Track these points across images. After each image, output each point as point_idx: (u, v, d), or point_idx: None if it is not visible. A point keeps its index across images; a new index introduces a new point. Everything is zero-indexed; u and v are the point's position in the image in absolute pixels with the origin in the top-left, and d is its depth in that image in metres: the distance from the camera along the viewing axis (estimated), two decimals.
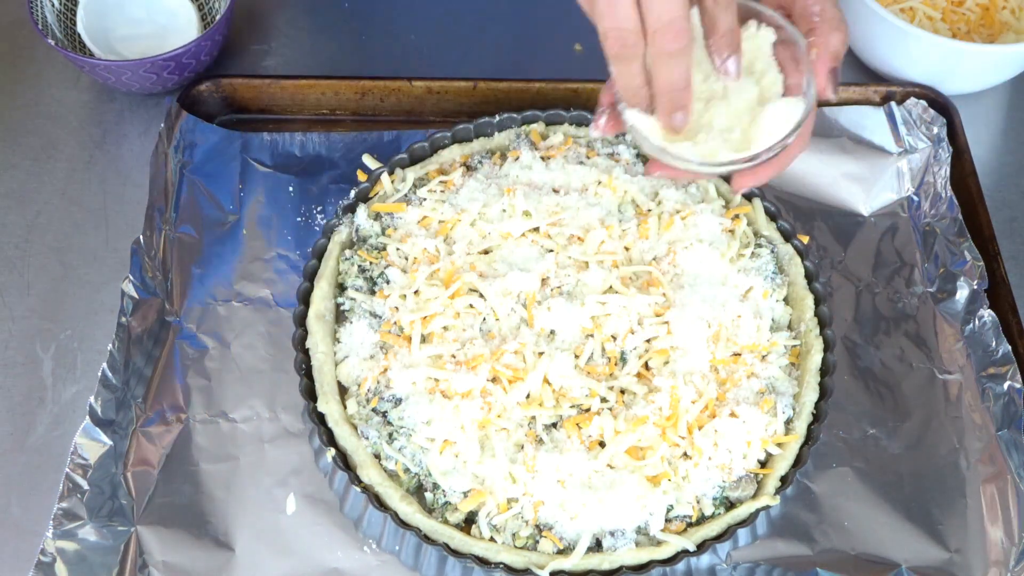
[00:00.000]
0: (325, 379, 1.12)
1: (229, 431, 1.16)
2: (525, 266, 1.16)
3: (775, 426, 1.10)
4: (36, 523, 1.09)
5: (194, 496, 1.12)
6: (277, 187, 1.34)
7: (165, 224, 1.28)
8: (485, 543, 1.04)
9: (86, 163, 1.38)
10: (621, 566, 1.03)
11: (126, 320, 1.18)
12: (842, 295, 1.28)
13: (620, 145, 1.29)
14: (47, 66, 1.47)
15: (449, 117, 1.42)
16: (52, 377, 1.21)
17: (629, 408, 1.08)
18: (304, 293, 1.18)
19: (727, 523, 1.06)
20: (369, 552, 1.09)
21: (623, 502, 1.03)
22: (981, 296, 1.24)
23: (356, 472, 1.07)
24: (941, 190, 1.33)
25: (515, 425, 1.08)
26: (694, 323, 1.12)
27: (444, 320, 1.12)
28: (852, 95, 1.41)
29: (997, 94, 1.49)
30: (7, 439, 1.17)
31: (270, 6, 1.55)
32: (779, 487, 1.08)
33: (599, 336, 1.13)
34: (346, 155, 1.36)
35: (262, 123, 1.42)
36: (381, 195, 1.26)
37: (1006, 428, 1.16)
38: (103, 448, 1.11)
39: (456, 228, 1.21)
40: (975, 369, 1.21)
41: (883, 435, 1.18)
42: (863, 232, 1.33)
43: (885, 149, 1.38)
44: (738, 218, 1.23)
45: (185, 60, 1.35)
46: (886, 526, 1.12)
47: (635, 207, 1.24)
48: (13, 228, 1.32)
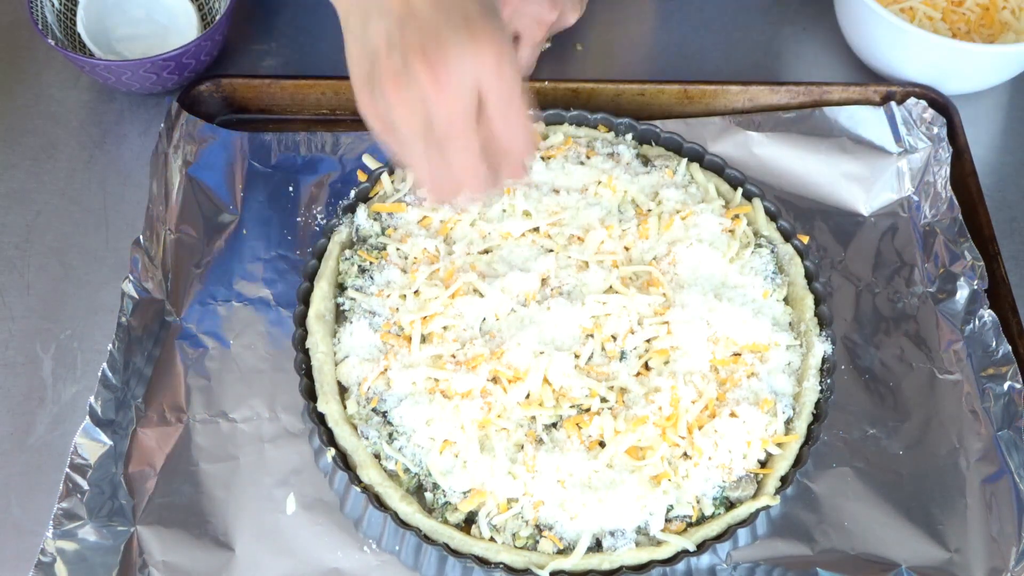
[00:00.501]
0: (325, 379, 1.12)
1: (229, 431, 1.16)
2: (525, 266, 1.16)
3: (775, 426, 1.10)
4: (36, 523, 1.09)
5: (194, 496, 1.12)
6: (277, 187, 1.34)
7: (165, 224, 1.28)
8: (485, 543, 1.04)
9: (86, 163, 1.38)
10: (621, 566, 1.03)
11: (126, 320, 1.18)
12: (842, 295, 1.28)
13: (620, 145, 1.29)
14: (47, 66, 1.47)
15: None
16: (52, 377, 1.21)
17: (629, 408, 1.08)
18: (304, 293, 1.18)
19: (727, 523, 1.06)
20: (369, 552, 1.09)
21: (623, 502, 1.03)
22: (981, 296, 1.24)
23: (356, 472, 1.07)
24: (941, 190, 1.33)
25: (515, 425, 1.08)
26: (694, 323, 1.12)
27: (444, 320, 1.12)
28: (852, 95, 1.41)
29: (997, 94, 1.49)
30: (7, 439, 1.17)
31: (270, 6, 1.55)
32: (779, 487, 1.08)
33: (599, 336, 1.13)
34: (346, 155, 1.36)
35: (262, 123, 1.41)
36: (381, 195, 1.26)
37: (1006, 428, 1.16)
38: (103, 448, 1.11)
39: (456, 228, 1.21)
40: (975, 369, 1.21)
41: (883, 435, 1.18)
42: (863, 232, 1.33)
43: (885, 149, 1.38)
44: (738, 218, 1.23)
45: (185, 60, 1.35)
46: (886, 526, 1.12)
47: (635, 207, 1.24)
48: (13, 228, 1.32)
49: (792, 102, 1.41)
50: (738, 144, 1.38)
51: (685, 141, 1.30)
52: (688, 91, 1.41)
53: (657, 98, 1.41)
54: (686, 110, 1.42)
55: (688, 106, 1.42)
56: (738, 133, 1.38)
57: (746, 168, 1.34)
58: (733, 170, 1.28)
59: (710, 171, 1.30)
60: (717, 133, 1.38)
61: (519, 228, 1.19)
